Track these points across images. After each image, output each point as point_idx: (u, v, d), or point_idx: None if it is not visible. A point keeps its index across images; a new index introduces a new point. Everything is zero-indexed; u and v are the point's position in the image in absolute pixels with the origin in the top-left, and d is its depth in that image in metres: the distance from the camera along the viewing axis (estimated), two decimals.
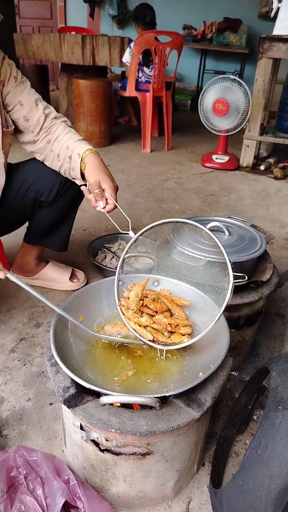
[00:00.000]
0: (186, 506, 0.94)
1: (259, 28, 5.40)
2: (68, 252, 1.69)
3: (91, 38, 3.62)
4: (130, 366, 0.91)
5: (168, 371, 0.89)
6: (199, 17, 5.70)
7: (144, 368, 0.90)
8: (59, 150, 1.28)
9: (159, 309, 0.93)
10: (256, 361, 1.39)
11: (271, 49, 3.02)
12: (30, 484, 0.85)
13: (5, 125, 1.26)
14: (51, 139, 1.30)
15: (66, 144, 1.27)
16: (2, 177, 1.31)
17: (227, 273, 0.82)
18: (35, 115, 1.29)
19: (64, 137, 1.29)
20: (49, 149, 1.31)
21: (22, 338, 1.43)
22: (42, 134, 1.31)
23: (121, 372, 0.89)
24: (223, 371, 0.86)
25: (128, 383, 0.86)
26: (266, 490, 0.66)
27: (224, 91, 3.11)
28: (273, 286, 1.23)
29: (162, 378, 0.88)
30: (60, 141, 1.28)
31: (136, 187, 2.95)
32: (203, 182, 3.16)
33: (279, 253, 2.11)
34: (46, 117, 1.31)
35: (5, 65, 1.24)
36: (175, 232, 1.20)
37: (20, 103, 1.27)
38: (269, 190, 3.08)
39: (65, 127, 1.32)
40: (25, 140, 1.34)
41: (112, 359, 0.93)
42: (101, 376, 0.88)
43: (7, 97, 1.26)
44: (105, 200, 1.15)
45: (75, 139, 1.28)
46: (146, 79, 3.82)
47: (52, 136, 1.30)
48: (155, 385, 0.86)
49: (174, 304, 0.96)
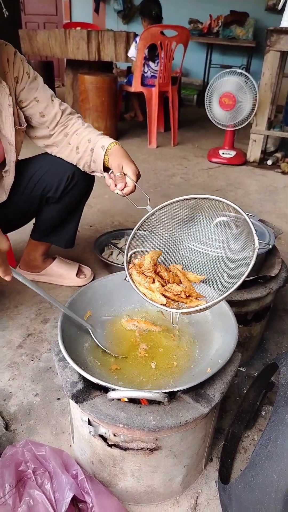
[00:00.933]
0: (194, 502, 0.93)
1: (266, 21, 5.33)
2: (74, 248, 1.69)
3: (97, 34, 3.60)
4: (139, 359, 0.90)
5: (177, 366, 0.89)
6: (205, 10, 5.64)
7: (153, 362, 0.90)
8: (78, 143, 1.28)
9: (171, 280, 0.89)
10: (264, 357, 1.38)
11: (279, 41, 2.97)
12: (39, 478, 0.86)
13: (18, 122, 1.26)
14: (68, 132, 1.30)
15: (87, 137, 1.27)
16: (12, 175, 1.31)
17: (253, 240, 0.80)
18: (52, 111, 1.29)
19: (84, 131, 1.29)
20: (66, 142, 1.31)
21: (30, 333, 1.43)
22: (59, 128, 1.31)
23: (130, 365, 0.88)
24: (231, 367, 0.85)
25: (136, 379, 0.86)
26: (275, 486, 0.66)
27: (230, 85, 3.08)
28: (281, 281, 1.22)
29: (170, 373, 0.87)
30: (80, 134, 1.29)
31: (142, 183, 2.91)
32: (209, 177, 3.14)
33: (287, 248, 2.09)
34: (63, 113, 1.31)
35: (17, 61, 1.22)
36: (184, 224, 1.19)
37: (36, 99, 1.27)
38: (276, 185, 3.05)
39: (82, 122, 1.33)
40: (38, 135, 1.34)
41: (121, 352, 0.92)
42: (108, 370, 0.87)
43: (21, 93, 1.25)
44: (124, 183, 1.14)
45: (96, 133, 1.29)
46: (152, 74, 3.80)
47: (70, 129, 1.30)
48: (163, 380, 0.85)
49: (186, 279, 0.91)
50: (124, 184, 1.14)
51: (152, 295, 0.85)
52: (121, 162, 1.16)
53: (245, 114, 3.13)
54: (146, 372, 0.87)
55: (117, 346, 0.94)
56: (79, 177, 1.39)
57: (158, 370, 0.88)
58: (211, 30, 5.61)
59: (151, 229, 0.98)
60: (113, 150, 1.22)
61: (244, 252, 0.86)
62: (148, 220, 0.96)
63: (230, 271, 0.86)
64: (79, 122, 1.32)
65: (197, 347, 0.94)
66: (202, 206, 0.99)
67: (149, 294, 0.85)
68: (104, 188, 2.90)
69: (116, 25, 6.42)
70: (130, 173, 1.15)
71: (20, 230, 1.59)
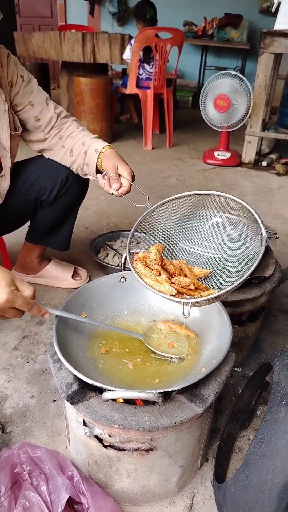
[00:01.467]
0: (190, 502, 0.94)
1: (260, 23, 5.36)
2: (70, 250, 1.69)
3: (91, 36, 3.61)
4: (134, 361, 0.91)
5: (171, 367, 0.89)
6: (200, 13, 5.67)
7: (147, 364, 0.90)
8: (72, 145, 1.28)
9: (177, 273, 0.88)
10: (259, 357, 1.39)
11: (273, 44, 3.00)
12: (34, 480, 0.86)
13: (14, 128, 1.25)
14: (63, 135, 1.30)
15: (82, 140, 1.27)
16: (8, 180, 1.31)
17: (260, 231, 0.81)
18: (47, 114, 1.29)
19: (79, 134, 1.29)
20: (60, 145, 1.31)
21: (25, 335, 1.43)
22: (54, 131, 1.31)
23: (124, 367, 0.89)
24: (225, 367, 0.85)
25: (130, 379, 0.86)
26: (269, 485, 0.66)
27: (225, 87, 3.09)
28: (275, 281, 1.22)
29: (165, 374, 0.87)
30: (75, 138, 1.29)
31: (138, 184, 2.92)
32: (205, 178, 3.15)
33: (282, 249, 2.10)
34: (58, 116, 1.31)
35: (11, 65, 1.21)
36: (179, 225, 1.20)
37: (30, 103, 1.26)
38: (271, 186, 3.07)
39: (77, 125, 1.33)
40: (33, 139, 1.34)
41: (116, 355, 0.93)
42: (103, 371, 0.88)
43: (16, 97, 1.24)
44: (119, 183, 1.14)
45: (91, 137, 1.28)
46: (147, 76, 3.81)
47: (65, 132, 1.30)
48: (157, 381, 0.86)
49: (192, 273, 0.90)
50: (120, 184, 1.14)
51: (160, 287, 0.82)
52: (116, 163, 1.17)
53: (239, 116, 3.15)
54: (140, 372, 0.88)
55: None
56: (73, 179, 1.39)
57: (153, 371, 0.88)
58: (205, 33, 5.65)
59: (150, 227, 0.98)
60: (106, 153, 1.22)
61: (250, 245, 0.87)
62: (148, 218, 0.96)
63: (237, 266, 0.86)
64: (74, 125, 1.32)
65: (191, 346, 0.95)
66: (203, 203, 1.00)
67: (156, 286, 0.83)
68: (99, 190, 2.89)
69: (111, 27, 6.43)
70: (125, 174, 1.15)
71: (16, 232, 1.59)
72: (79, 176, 1.39)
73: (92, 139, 1.27)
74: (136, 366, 0.90)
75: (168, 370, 0.89)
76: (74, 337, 0.93)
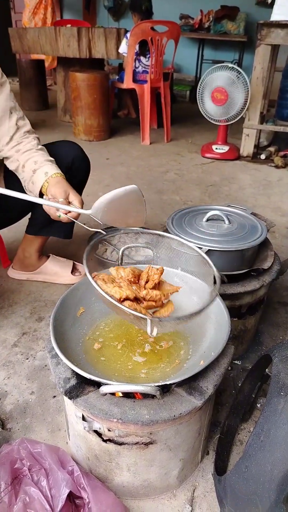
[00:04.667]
0: (191, 495, 0.94)
1: (257, 15, 5.31)
2: (68, 246, 1.69)
3: (87, 31, 3.59)
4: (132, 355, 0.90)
5: (170, 360, 0.89)
6: (196, 6, 5.63)
7: (146, 357, 0.90)
8: (25, 161, 1.25)
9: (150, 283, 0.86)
10: (259, 349, 1.38)
11: (270, 35, 2.97)
12: (35, 475, 0.86)
13: None
14: (20, 149, 1.27)
15: (35, 159, 1.24)
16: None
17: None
18: (5, 124, 1.26)
19: (35, 153, 1.26)
20: (15, 158, 1.28)
21: (25, 332, 1.43)
22: (12, 144, 1.28)
23: (122, 361, 0.88)
24: (224, 359, 0.85)
25: (129, 373, 0.86)
26: (269, 476, 0.66)
27: (222, 80, 3.07)
28: (274, 274, 1.22)
29: (163, 367, 0.87)
30: (29, 154, 1.26)
31: (136, 180, 2.93)
32: (203, 172, 3.14)
33: (281, 242, 2.09)
34: (17, 129, 1.28)
35: None
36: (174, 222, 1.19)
37: None
38: (270, 179, 3.05)
39: (38, 143, 1.31)
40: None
41: (114, 348, 0.92)
42: (101, 366, 0.87)
43: None
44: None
45: (45, 158, 1.25)
46: (143, 69, 3.78)
47: (23, 147, 1.28)
48: (156, 374, 0.85)
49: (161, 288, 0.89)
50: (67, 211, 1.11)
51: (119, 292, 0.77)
52: (67, 190, 1.14)
53: (237, 109, 3.13)
54: (138, 366, 0.87)
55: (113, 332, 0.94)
56: (74, 169, 1.39)
57: (152, 364, 0.88)
58: (202, 26, 5.60)
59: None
60: (57, 179, 1.19)
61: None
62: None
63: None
64: (34, 143, 1.29)
65: (190, 340, 0.94)
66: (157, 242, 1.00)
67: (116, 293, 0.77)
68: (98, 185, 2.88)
69: (107, 22, 6.39)
70: (76, 202, 1.13)
71: (13, 228, 1.59)
72: (82, 165, 1.40)
73: (46, 160, 1.24)
74: (134, 359, 0.89)
75: (165, 364, 0.88)
76: (72, 332, 0.93)
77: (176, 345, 0.93)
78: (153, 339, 0.94)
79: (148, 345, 0.93)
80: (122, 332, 0.97)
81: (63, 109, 4.41)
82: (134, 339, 0.95)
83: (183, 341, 0.94)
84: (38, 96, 4.82)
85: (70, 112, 4.08)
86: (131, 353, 0.91)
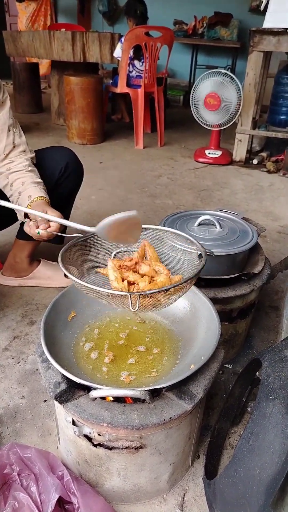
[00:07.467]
0: (181, 499, 0.94)
1: (250, 22, 5.37)
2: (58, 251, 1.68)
3: (81, 35, 3.60)
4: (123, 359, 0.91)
5: (160, 365, 0.89)
6: (190, 12, 5.67)
7: (137, 361, 0.90)
8: (14, 181, 1.27)
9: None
10: (250, 353, 1.39)
11: (262, 42, 3.01)
12: (24, 481, 0.85)
13: None
14: (11, 168, 1.29)
15: (23, 180, 1.25)
16: None
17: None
18: (3, 141, 1.28)
19: (25, 173, 1.27)
20: (5, 175, 1.29)
21: (16, 336, 1.42)
22: (5, 161, 1.29)
23: (114, 365, 0.88)
24: (214, 363, 0.86)
25: (119, 377, 0.86)
26: (257, 480, 0.66)
27: (215, 86, 3.10)
28: (265, 278, 1.23)
29: (153, 372, 0.87)
30: (19, 174, 1.27)
31: (129, 183, 2.94)
32: (196, 177, 3.16)
33: (272, 246, 2.11)
34: (13, 148, 1.29)
35: None
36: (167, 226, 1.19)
37: None
38: (262, 184, 3.08)
39: (30, 164, 1.31)
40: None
41: (105, 354, 0.92)
42: (92, 370, 0.87)
43: None
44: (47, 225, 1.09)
45: (33, 180, 1.26)
46: (137, 74, 3.81)
47: (14, 166, 1.29)
48: (147, 378, 0.85)
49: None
50: (48, 225, 1.10)
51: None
52: (46, 209, 1.14)
53: (230, 114, 3.16)
54: (129, 370, 0.87)
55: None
56: (68, 175, 1.39)
57: (141, 368, 0.88)
58: (196, 31, 5.65)
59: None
60: (38, 202, 1.19)
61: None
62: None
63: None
64: (26, 164, 1.30)
65: (180, 344, 0.95)
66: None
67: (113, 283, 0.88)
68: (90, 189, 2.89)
69: (102, 26, 6.42)
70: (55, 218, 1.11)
71: (5, 232, 1.58)
72: (74, 170, 1.42)
73: (32, 183, 1.25)
74: (125, 363, 0.89)
75: (155, 368, 0.88)
76: (62, 336, 0.93)
77: (167, 349, 0.94)
78: (144, 348, 0.93)
79: (140, 348, 0.93)
80: (113, 337, 0.97)
81: (57, 112, 4.41)
82: (125, 343, 0.96)
83: (174, 345, 0.95)
84: (32, 99, 4.82)
85: (64, 116, 4.08)
86: (122, 357, 0.91)
